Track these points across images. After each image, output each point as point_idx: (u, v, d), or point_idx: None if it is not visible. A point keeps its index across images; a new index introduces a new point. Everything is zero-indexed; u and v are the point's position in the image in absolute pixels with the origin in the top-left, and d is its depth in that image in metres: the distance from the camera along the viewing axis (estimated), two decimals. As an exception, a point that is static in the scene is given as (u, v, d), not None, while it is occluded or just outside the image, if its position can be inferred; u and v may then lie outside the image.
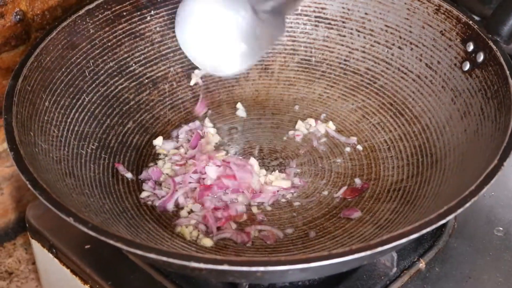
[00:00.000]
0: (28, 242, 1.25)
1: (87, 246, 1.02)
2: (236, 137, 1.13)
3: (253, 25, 1.05)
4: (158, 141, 1.10)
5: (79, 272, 1.02)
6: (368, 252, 0.77)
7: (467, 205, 0.82)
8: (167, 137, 1.12)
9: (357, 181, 1.06)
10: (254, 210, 1.02)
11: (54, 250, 1.04)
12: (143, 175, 1.05)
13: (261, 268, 0.76)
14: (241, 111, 1.16)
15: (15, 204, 1.27)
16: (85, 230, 0.81)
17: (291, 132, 1.13)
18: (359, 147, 1.11)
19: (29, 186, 0.85)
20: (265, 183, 1.04)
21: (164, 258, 0.77)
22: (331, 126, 1.14)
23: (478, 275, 0.98)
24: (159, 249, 0.79)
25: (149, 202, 1.02)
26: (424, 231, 0.80)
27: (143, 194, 1.03)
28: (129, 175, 1.05)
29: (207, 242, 0.96)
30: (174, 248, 0.95)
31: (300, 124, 1.14)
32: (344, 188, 1.05)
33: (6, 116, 0.94)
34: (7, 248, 1.29)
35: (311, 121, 1.14)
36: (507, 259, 1.00)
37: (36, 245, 1.08)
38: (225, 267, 0.76)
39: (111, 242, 0.79)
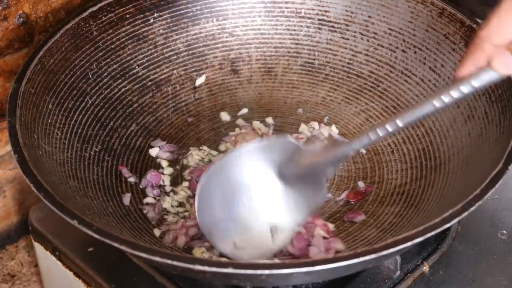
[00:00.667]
0: (30, 244, 1.25)
1: (90, 249, 1.02)
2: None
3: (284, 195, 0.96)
4: (154, 152, 1.10)
5: (82, 275, 1.02)
6: (373, 256, 0.77)
7: (472, 209, 0.82)
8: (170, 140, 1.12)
9: (361, 184, 1.06)
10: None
11: (57, 253, 1.04)
12: (143, 183, 1.05)
13: (266, 271, 0.76)
14: (224, 116, 1.16)
15: (18, 206, 1.27)
16: (89, 232, 0.81)
17: (294, 135, 1.13)
18: (363, 150, 1.10)
19: (33, 188, 0.85)
20: None
21: (169, 261, 0.77)
22: (334, 129, 1.14)
23: (482, 278, 0.98)
24: (163, 252, 0.79)
25: (149, 214, 1.01)
26: (429, 235, 0.80)
27: (147, 200, 1.03)
28: (132, 179, 1.05)
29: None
30: (178, 251, 0.95)
31: (303, 127, 1.14)
32: (347, 191, 1.05)
33: (10, 118, 0.94)
34: (10, 250, 1.29)
35: (315, 124, 1.14)
36: (511, 262, 1.00)
37: (39, 247, 1.08)
38: (230, 270, 0.76)
39: (116, 245, 0.79)
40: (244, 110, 1.17)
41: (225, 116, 1.16)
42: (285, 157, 0.93)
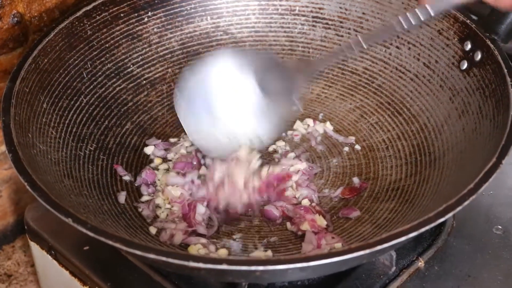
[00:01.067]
0: (27, 244, 1.25)
1: (85, 248, 1.02)
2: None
3: (262, 105, 1.01)
4: (149, 150, 1.10)
5: (78, 274, 1.02)
6: (367, 251, 0.77)
7: (466, 203, 0.82)
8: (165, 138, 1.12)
9: (355, 180, 1.06)
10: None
11: (53, 252, 1.04)
12: (138, 181, 1.05)
13: (260, 267, 0.76)
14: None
15: (14, 206, 1.27)
16: (84, 231, 0.81)
17: (289, 132, 1.13)
18: (357, 146, 1.11)
19: (28, 187, 0.85)
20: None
21: (164, 258, 0.77)
22: (329, 126, 1.14)
23: (477, 273, 0.98)
24: (158, 249, 0.79)
25: (144, 212, 1.02)
26: (423, 230, 0.80)
27: (143, 199, 1.03)
28: (127, 177, 1.05)
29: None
30: (173, 248, 0.95)
31: (298, 124, 1.14)
32: (343, 187, 1.05)
33: (4, 118, 0.94)
34: (6, 250, 1.29)
35: (309, 121, 1.14)
36: (506, 257, 1.00)
37: (35, 247, 1.08)
38: (224, 266, 0.76)
39: (110, 242, 0.79)
40: None
41: None
42: (261, 66, 0.98)
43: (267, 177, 1.01)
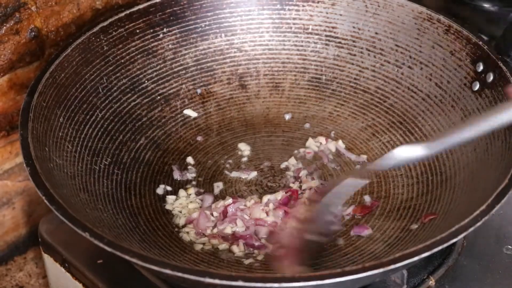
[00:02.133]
0: (38, 256, 1.26)
1: (99, 261, 1.03)
2: (248, 154, 1.14)
3: None
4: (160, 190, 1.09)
5: (92, 287, 1.02)
6: (381, 270, 0.78)
7: (479, 224, 0.83)
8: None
9: (367, 198, 1.07)
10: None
11: (66, 265, 1.05)
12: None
13: (276, 285, 0.76)
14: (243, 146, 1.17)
15: (27, 218, 1.28)
16: (101, 245, 0.82)
17: (301, 150, 1.14)
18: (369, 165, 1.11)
19: (46, 201, 0.87)
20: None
21: (180, 274, 0.78)
22: (341, 144, 1.15)
23: (487, 293, 0.99)
24: (174, 264, 0.80)
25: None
26: (436, 249, 0.81)
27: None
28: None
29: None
30: (187, 263, 0.96)
31: (310, 142, 1.15)
32: (354, 205, 1.06)
33: (22, 131, 0.95)
34: (18, 262, 1.30)
35: (322, 139, 1.15)
36: (516, 277, 1.01)
37: (48, 259, 1.09)
38: (240, 283, 0.77)
39: (127, 257, 0.80)
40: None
41: (243, 147, 1.16)
42: None
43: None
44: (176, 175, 1.10)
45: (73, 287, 1.05)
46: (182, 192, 1.07)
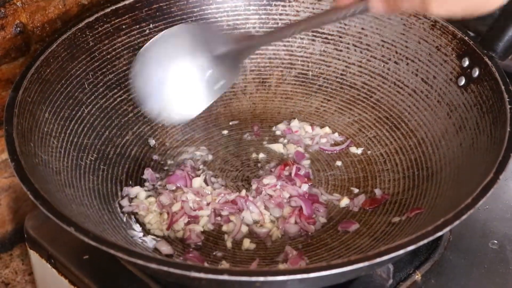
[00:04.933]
0: (25, 253, 1.25)
1: (85, 257, 1.02)
2: (233, 149, 1.14)
3: (209, 68, 1.05)
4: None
5: (77, 282, 1.02)
6: (366, 263, 0.78)
7: (464, 217, 0.84)
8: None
9: (378, 192, 1.06)
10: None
11: (52, 261, 1.05)
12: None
13: (261, 278, 0.77)
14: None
15: (12, 215, 1.28)
16: (86, 240, 0.82)
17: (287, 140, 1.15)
18: (356, 159, 1.12)
19: (31, 196, 0.86)
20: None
21: (165, 268, 0.78)
22: (328, 130, 1.16)
23: (473, 287, 0.99)
24: (160, 259, 0.80)
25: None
26: (421, 243, 0.81)
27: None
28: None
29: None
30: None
31: (300, 131, 1.16)
32: (364, 198, 1.06)
33: (7, 127, 0.95)
34: (4, 259, 1.29)
35: (307, 127, 1.16)
36: (502, 271, 1.01)
37: (34, 255, 1.08)
38: (225, 277, 0.77)
39: (112, 252, 0.80)
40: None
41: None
42: (209, 39, 1.04)
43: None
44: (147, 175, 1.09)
45: (59, 283, 1.05)
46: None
